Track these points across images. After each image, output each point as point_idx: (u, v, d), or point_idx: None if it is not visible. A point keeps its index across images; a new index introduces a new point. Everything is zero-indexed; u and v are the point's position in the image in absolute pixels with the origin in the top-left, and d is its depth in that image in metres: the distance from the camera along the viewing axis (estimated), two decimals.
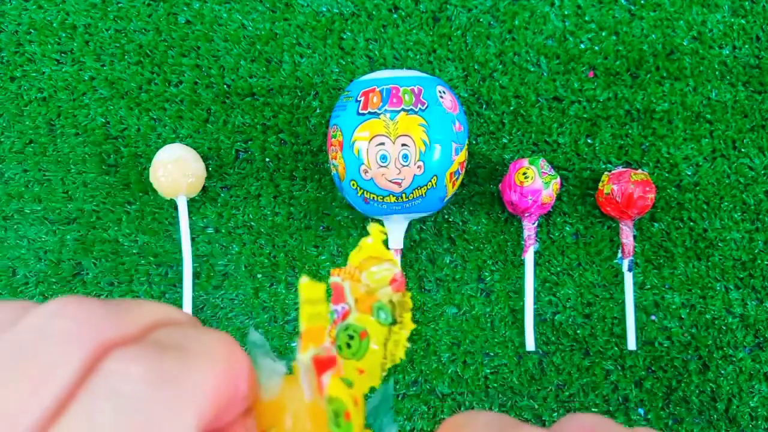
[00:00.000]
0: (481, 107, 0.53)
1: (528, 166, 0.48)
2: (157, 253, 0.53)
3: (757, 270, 0.51)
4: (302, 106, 0.53)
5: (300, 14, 0.53)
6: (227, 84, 0.53)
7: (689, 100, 0.52)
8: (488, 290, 0.52)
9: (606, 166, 0.52)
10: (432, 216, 0.52)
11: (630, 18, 0.52)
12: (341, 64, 0.53)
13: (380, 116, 0.43)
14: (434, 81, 0.46)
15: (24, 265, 0.53)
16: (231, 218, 0.53)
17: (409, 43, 0.53)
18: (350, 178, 0.45)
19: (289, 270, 0.52)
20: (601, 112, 0.52)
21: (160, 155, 0.50)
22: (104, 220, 0.53)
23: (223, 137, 0.53)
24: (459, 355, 0.51)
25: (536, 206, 0.48)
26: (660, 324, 0.51)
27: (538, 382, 0.50)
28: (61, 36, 0.54)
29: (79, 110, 0.54)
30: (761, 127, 0.52)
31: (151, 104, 0.53)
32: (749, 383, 0.50)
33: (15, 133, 0.54)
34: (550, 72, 0.52)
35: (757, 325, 0.50)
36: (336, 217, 0.52)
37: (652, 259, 0.51)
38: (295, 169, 0.53)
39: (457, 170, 0.46)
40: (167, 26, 0.54)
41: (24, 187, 0.53)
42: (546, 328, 0.51)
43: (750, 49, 0.52)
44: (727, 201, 0.51)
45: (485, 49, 0.53)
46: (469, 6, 0.53)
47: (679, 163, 0.52)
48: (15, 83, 0.54)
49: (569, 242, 0.51)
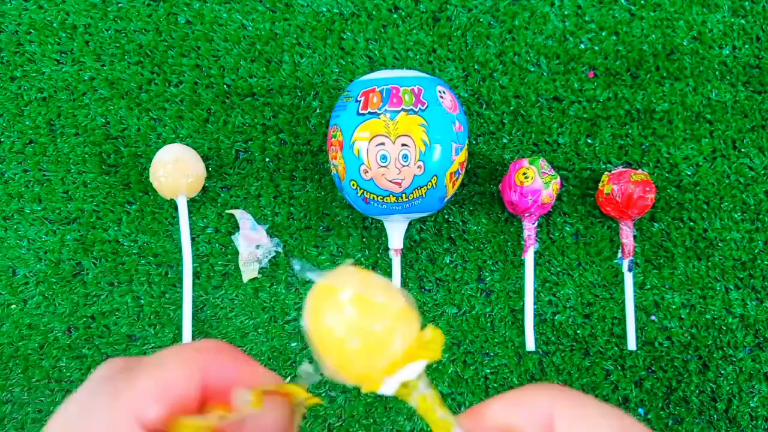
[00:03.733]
0: (481, 107, 0.53)
1: (528, 166, 0.48)
2: (157, 253, 0.53)
3: (757, 270, 0.51)
4: (302, 106, 0.53)
5: (300, 14, 0.53)
6: (227, 84, 0.53)
7: (689, 100, 0.52)
8: (488, 290, 0.52)
9: (606, 166, 0.52)
10: (432, 216, 0.52)
11: (630, 18, 0.52)
12: (341, 64, 0.53)
13: (380, 116, 0.43)
14: (434, 81, 0.46)
15: (24, 265, 0.53)
16: (231, 218, 0.53)
17: (409, 43, 0.53)
18: (350, 178, 0.45)
19: (289, 270, 0.52)
20: (601, 112, 0.52)
21: (160, 155, 0.50)
22: (104, 220, 0.53)
23: (223, 137, 0.53)
24: (459, 355, 0.51)
25: (536, 206, 0.48)
26: (660, 324, 0.51)
27: (538, 382, 0.50)
28: (61, 36, 0.54)
29: (79, 110, 0.54)
30: (761, 127, 0.52)
31: (151, 104, 0.53)
32: (749, 383, 0.50)
33: (15, 133, 0.54)
34: (550, 72, 0.52)
35: (757, 325, 0.50)
36: (336, 217, 0.52)
37: (652, 259, 0.51)
38: (295, 169, 0.53)
39: (457, 170, 0.46)
40: (167, 26, 0.54)
41: (24, 187, 0.53)
42: (546, 328, 0.51)
43: (750, 49, 0.52)
44: (727, 201, 0.51)
45: (485, 49, 0.53)
46: (469, 6, 0.53)
47: (679, 163, 0.52)
48: (15, 83, 0.54)
49: (569, 242, 0.51)
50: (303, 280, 0.52)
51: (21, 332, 0.53)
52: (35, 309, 0.53)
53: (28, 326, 0.53)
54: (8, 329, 0.53)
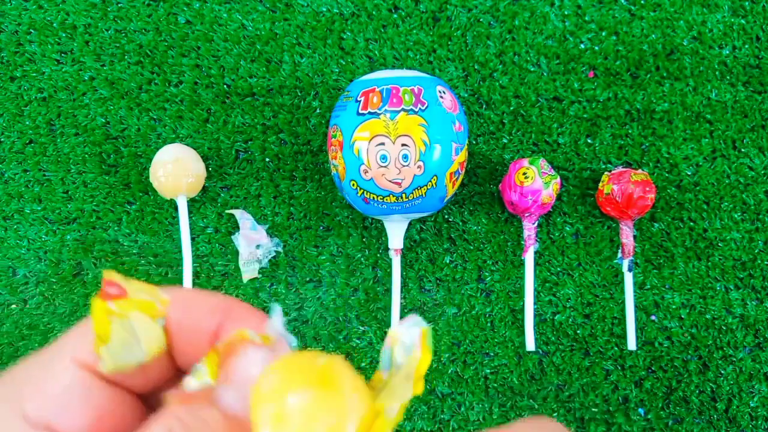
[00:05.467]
0: (481, 107, 0.53)
1: (528, 166, 0.48)
2: (157, 253, 0.53)
3: (757, 270, 0.51)
4: (302, 106, 0.53)
5: (300, 14, 0.53)
6: (227, 84, 0.53)
7: (689, 100, 0.52)
8: (488, 290, 0.52)
9: (606, 166, 0.52)
10: (432, 216, 0.52)
11: (630, 18, 0.52)
12: (341, 64, 0.53)
13: (380, 116, 0.43)
14: (434, 81, 0.46)
15: (24, 265, 0.53)
16: (231, 218, 0.53)
17: (409, 43, 0.53)
18: (350, 178, 0.45)
19: (289, 270, 0.52)
20: (601, 112, 0.52)
21: (160, 155, 0.50)
22: (104, 220, 0.53)
23: (223, 137, 0.53)
24: (459, 355, 0.51)
25: (536, 206, 0.48)
26: (660, 324, 0.51)
27: (538, 382, 0.50)
28: (61, 36, 0.54)
29: (79, 110, 0.54)
30: (761, 127, 0.52)
31: (151, 104, 0.53)
32: (749, 383, 0.50)
33: (15, 133, 0.54)
34: (550, 72, 0.52)
35: (757, 325, 0.50)
36: (336, 217, 0.52)
37: (652, 259, 0.51)
38: (295, 169, 0.53)
39: (457, 170, 0.46)
40: (167, 26, 0.54)
41: (24, 187, 0.53)
42: (546, 328, 0.51)
43: (750, 49, 0.52)
44: (727, 201, 0.51)
45: (485, 49, 0.53)
46: (469, 6, 0.53)
47: (679, 163, 0.52)
48: (15, 83, 0.54)
49: (569, 242, 0.51)
50: (303, 280, 0.52)
51: (21, 332, 0.53)
52: (35, 309, 0.53)
53: (28, 326, 0.53)
54: (8, 329, 0.53)
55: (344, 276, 0.52)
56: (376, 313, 0.51)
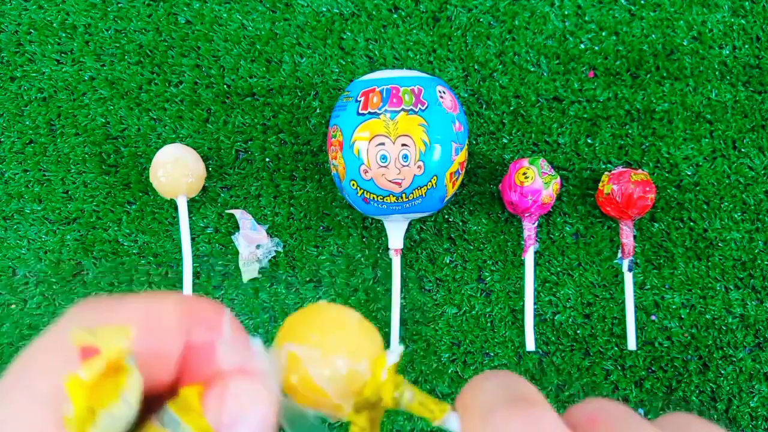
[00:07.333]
0: (481, 107, 0.53)
1: (528, 166, 0.48)
2: (157, 253, 0.53)
3: (757, 270, 0.51)
4: (302, 106, 0.53)
5: (300, 14, 0.53)
6: (227, 84, 0.53)
7: (689, 100, 0.52)
8: (488, 290, 0.52)
9: (606, 166, 0.52)
10: (432, 216, 0.52)
11: (630, 18, 0.52)
12: (341, 64, 0.53)
13: (380, 116, 0.43)
14: (434, 81, 0.46)
15: (24, 265, 0.53)
16: (231, 218, 0.53)
17: (409, 43, 0.53)
18: (350, 178, 0.45)
19: (289, 270, 0.52)
20: (601, 112, 0.52)
21: (160, 155, 0.50)
22: (104, 220, 0.53)
23: (223, 137, 0.53)
24: (459, 355, 0.51)
25: (536, 206, 0.48)
26: (660, 324, 0.51)
27: (538, 382, 0.50)
28: (61, 36, 0.54)
29: (79, 110, 0.54)
30: (761, 127, 0.52)
31: (151, 104, 0.53)
32: (749, 383, 0.50)
33: (15, 133, 0.54)
34: (550, 72, 0.52)
35: (757, 325, 0.50)
36: (336, 217, 0.52)
37: (652, 259, 0.51)
38: (295, 169, 0.53)
39: (457, 170, 0.46)
40: (167, 26, 0.54)
41: (24, 187, 0.53)
42: (546, 328, 0.51)
43: (750, 49, 0.52)
44: (727, 201, 0.51)
45: (485, 49, 0.53)
46: (469, 6, 0.53)
47: (679, 163, 0.52)
48: (15, 83, 0.54)
49: (569, 242, 0.51)
50: (303, 280, 0.52)
51: (21, 332, 0.53)
52: (35, 309, 0.53)
53: (28, 326, 0.53)
54: (8, 329, 0.53)
55: (344, 276, 0.52)
56: (376, 313, 0.51)
